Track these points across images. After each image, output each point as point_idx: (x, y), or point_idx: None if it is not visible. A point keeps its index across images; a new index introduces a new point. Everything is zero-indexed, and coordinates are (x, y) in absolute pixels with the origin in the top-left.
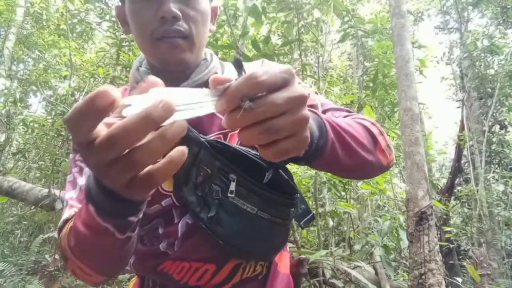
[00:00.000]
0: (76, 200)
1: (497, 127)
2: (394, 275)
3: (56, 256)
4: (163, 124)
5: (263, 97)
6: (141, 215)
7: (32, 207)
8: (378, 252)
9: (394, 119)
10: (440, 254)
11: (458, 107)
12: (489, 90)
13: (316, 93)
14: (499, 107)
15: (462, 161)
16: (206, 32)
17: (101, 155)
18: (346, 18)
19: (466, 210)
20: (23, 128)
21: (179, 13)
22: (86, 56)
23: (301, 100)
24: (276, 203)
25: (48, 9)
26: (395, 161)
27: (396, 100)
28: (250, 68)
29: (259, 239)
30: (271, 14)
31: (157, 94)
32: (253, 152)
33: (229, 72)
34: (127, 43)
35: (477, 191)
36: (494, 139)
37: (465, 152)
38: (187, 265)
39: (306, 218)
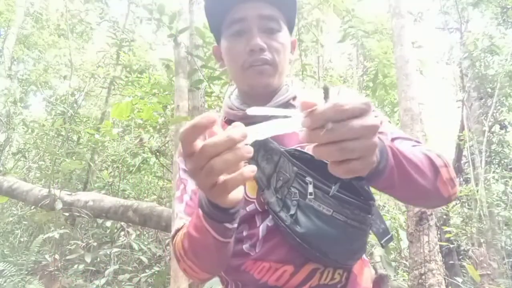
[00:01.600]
0: (184, 213)
1: (497, 127)
2: (394, 275)
3: (56, 256)
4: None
5: (343, 121)
6: (235, 225)
7: (32, 207)
8: (378, 252)
9: (394, 119)
10: (440, 254)
11: (458, 107)
12: (489, 90)
13: (389, 121)
14: (499, 107)
15: (462, 161)
16: (287, 61)
17: (196, 162)
18: (346, 18)
19: (466, 210)
20: (23, 128)
21: (264, 45)
22: (86, 56)
23: (374, 129)
24: (351, 205)
25: (48, 9)
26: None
27: (396, 100)
28: (334, 95)
29: (335, 240)
30: None
31: (250, 128)
32: None
33: (304, 97)
34: (127, 43)
35: (477, 191)
36: (494, 139)
37: (465, 152)
38: (267, 265)
39: (386, 238)
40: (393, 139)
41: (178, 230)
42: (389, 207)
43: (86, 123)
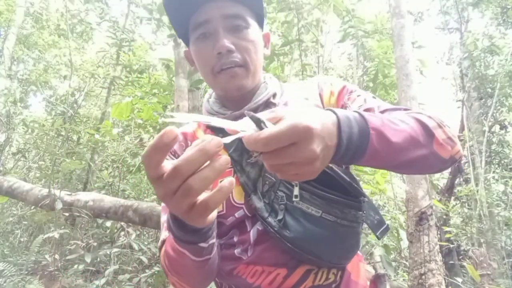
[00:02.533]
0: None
1: (497, 127)
2: (394, 275)
3: (56, 256)
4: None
5: (271, 152)
6: (211, 241)
7: (32, 207)
8: (378, 252)
9: None
10: (440, 254)
11: (458, 107)
12: (489, 90)
13: (373, 97)
14: (499, 107)
15: (462, 161)
16: (260, 58)
17: (167, 185)
18: (346, 18)
19: (466, 210)
20: (23, 128)
21: (232, 46)
22: (86, 56)
23: (308, 161)
24: (340, 205)
25: (48, 9)
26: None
27: (396, 100)
28: (278, 110)
29: (326, 241)
30: (271, 14)
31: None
32: None
33: (288, 94)
34: (127, 43)
35: (477, 191)
36: (494, 139)
37: (465, 152)
38: (260, 269)
39: (382, 229)
40: (381, 112)
41: (163, 242)
42: (389, 207)
43: (86, 123)
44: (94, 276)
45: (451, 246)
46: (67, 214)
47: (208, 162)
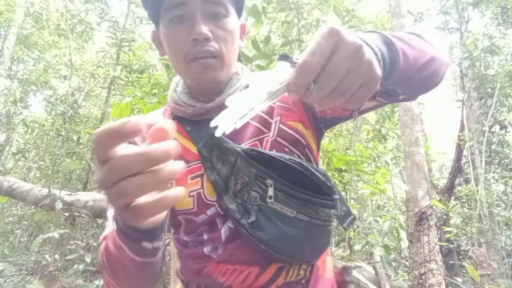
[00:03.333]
0: (113, 219)
1: (497, 127)
2: (394, 275)
3: (56, 256)
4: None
5: (323, 72)
6: (157, 244)
7: (32, 207)
8: (378, 252)
9: (394, 119)
10: (440, 254)
11: (458, 107)
12: (489, 90)
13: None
14: (499, 107)
15: (462, 161)
16: (235, 50)
17: (105, 176)
18: (346, 18)
19: (466, 210)
20: (23, 128)
21: (210, 34)
22: (86, 56)
23: (357, 53)
24: (314, 205)
25: (48, 9)
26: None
27: None
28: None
29: (300, 242)
30: (271, 14)
31: (232, 111)
32: (288, 157)
33: (260, 79)
34: (127, 43)
35: (477, 191)
36: (494, 139)
37: (465, 152)
38: (231, 267)
39: (349, 220)
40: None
41: (104, 238)
42: (389, 207)
43: (86, 123)
44: (94, 276)
45: (451, 246)
46: (67, 214)
47: (157, 166)
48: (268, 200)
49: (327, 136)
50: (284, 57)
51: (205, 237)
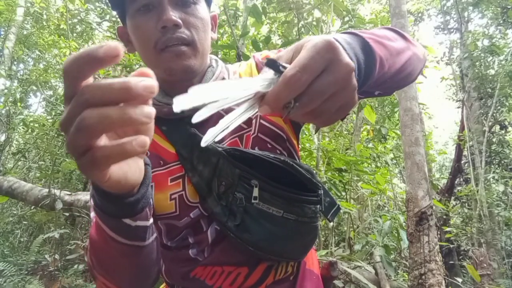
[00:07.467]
0: None
1: (497, 127)
2: (394, 275)
3: (56, 256)
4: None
5: (308, 91)
6: (142, 224)
7: (32, 207)
8: (378, 252)
9: (394, 119)
10: (440, 254)
11: (458, 107)
12: (489, 90)
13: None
14: (499, 107)
15: (462, 161)
16: (208, 39)
17: (70, 109)
18: (346, 18)
19: (466, 210)
20: (23, 128)
21: (179, 20)
22: None
23: (347, 76)
24: (300, 203)
25: (48, 9)
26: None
27: (396, 100)
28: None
29: (288, 240)
30: (271, 14)
31: (199, 91)
32: (272, 155)
33: (233, 74)
34: None
35: (477, 191)
36: (494, 139)
37: (465, 152)
38: (219, 269)
39: (333, 211)
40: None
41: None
42: (389, 207)
43: None
44: None
45: (451, 246)
46: (67, 214)
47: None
48: (253, 201)
49: (327, 136)
50: (271, 62)
51: (190, 240)
